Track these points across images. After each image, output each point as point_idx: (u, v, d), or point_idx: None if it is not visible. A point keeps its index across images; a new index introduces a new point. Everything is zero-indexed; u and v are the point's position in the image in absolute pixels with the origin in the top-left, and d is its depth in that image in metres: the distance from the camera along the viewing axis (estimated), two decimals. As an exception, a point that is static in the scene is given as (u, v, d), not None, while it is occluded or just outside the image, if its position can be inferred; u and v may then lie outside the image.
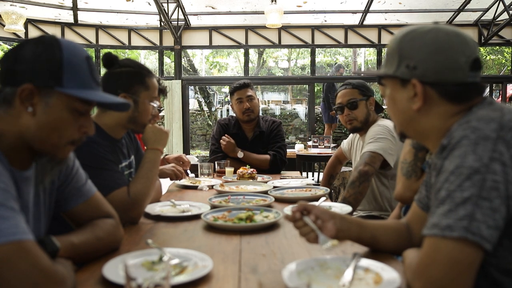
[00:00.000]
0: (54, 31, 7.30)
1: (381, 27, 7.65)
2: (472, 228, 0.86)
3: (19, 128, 1.06)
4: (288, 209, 1.83)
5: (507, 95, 9.86)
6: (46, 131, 1.07)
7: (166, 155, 2.95)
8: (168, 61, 13.65)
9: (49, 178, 1.18)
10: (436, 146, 1.09)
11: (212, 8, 7.12)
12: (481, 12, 7.20)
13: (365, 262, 1.15)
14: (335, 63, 13.44)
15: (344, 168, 4.21)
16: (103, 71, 1.86)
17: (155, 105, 1.89)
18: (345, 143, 3.12)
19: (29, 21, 7.02)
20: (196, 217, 1.79)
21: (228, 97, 3.15)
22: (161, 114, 2.83)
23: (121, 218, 1.47)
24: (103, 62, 1.82)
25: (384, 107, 2.15)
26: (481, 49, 14.25)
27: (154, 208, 1.91)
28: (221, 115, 14.06)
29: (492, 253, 0.91)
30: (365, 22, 7.53)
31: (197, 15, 7.39)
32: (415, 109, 1.08)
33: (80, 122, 1.12)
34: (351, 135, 3.03)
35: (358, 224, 1.28)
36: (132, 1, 6.84)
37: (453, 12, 7.15)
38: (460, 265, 0.87)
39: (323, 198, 1.97)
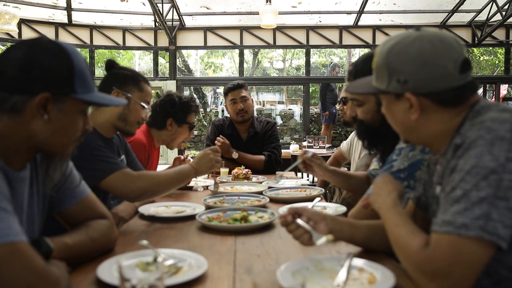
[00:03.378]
0: (48, 31, 7.27)
1: (375, 28, 7.68)
2: (488, 228, 0.87)
3: (27, 133, 1.06)
4: (283, 210, 1.83)
5: (500, 95, 9.92)
6: (59, 135, 1.10)
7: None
8: (163, 62, 13.62)
9: (60, 174, 1.21)
10: (442, 147, 1.10)
11: (207, 8, 7.12)
12: (475, 13, 7.26)
13: (359, 262, 1.16)
14: (331, 63, 13.47)
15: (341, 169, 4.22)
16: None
17: (146, 106, 1.95)
18: (344, 144, 3.13)
19: (22, 21, 6.98)
20: (191, 217, 1.79)
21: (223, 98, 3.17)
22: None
23: (124, 194, 1.68)
24: (105, 66, 1.95)
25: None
26: (475, 49, 14.37)
27: (148, 209, 1.90)
28: (216, 116, 14.06)
29: (503, 251, 0.91)
30: (359, 23, 7.56)
31: (192, 15, 7.38)
32: (413, 119, 1.08)
33: (84, 121, 1.16)
34: (350, 135, 3.04)
35: (351, 224, 1.29)
36: (127, 1, 6.82)
37: (447, 13, 7.20)
38: (476, 264, 0.88)
39: (317, 199, 1.97)
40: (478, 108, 1.04)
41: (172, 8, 6.79)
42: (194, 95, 2.97)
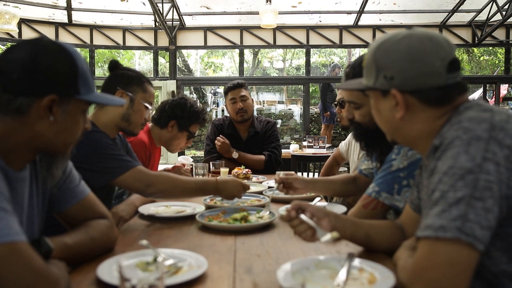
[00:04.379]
0: (48, 31, 7.26)
1: (375, 28, 7.68)
2: (465, 229, 0.85)
3: (32, 134, 1.07)
4: (283, 210, 1.83)
5: (501, 95, 9.92)
6: (63, 135, 1.11)
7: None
8: (163, 62, 13.62)
9: (61, 172, 1.22)
10: (426, 149, 1.09)
11: (207, 8, 7.12)
12: (475, 13, 7.25)
13: (359, 262, 1.16)
14: (332, 63, 13.47)
15: (340, 169, 4.22)
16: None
17: (149, 107, 1.96)
18: (343, 144, 3.13)
19: (22, 21, 6.98)
20: (191, 217, 1.79)
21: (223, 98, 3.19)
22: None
23: (140, 191, 1.71)
24: (109, 66, 1.96)
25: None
26: (475, 49, 14.37)
27: (148, 209, 1.90)
28: (216, 116, 14.05)
29: (485, 254, 0.91)
30: (359, 23, 7.56)
31: (192, 15, 7.38)
32: (399, 117, 1.08)
33: (83, 120, 1.17)
34: (348, 136, 3.04)
35: (353, 223, 1.29)
36: (127, 1, 6.82)
37: (447, 13, 7.20)
38: (456, 266, 0.86)
39: (317, 199, 1.97)
40: (462, 108, 1.03)
41: (172, 8, 6.79)
42: (205, 108, 3.01)
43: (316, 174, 5.01)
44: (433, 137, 1.05)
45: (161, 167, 2.81)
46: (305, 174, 5.10)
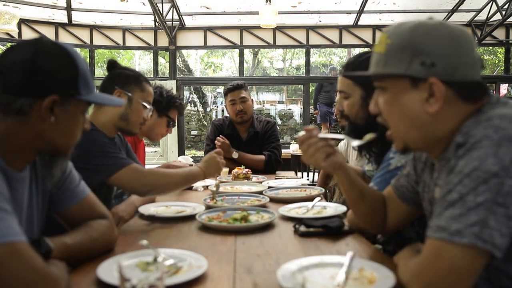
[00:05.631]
0: (48, 31, 7.26)
1: (375, 28, 7.68)
2: (484, 236, 0.81)
3: (33, 135, 1.07)
4: (283, 209, 1.83)
5: (500, 95, 9.93)
6: (65, 135, 1.12)
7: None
8: (163, 62, 13.62)
9: (61, 171, 1.23)
10: (438, 152, 1.03)
11: (207, 8, 7.12)
12: (475, 12, 7.26)
13: (359, 262, 1.16)
14: (330, 64, 13.53)
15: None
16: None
17: (148, 106, 1.95)
18: (342, 144, 3.13)
19: (22, 21, 6.97)
20: (191, 217, 1.78)
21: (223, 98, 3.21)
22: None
23: (134, 188, 1.76)
24: (107, 66, 1.97)
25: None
26: (475, 49, 14.33)
27: (148, 209, 1.90)
28: (216, 116, 14.05)
29: (504, 260, 0.86)
30: (359, 23, 7.56)
31: (191, 15, 7.38)
32: (431, 112, 0.96)
33: (83, 120, 1.18)
34: None
35: (357, 177, 1.33)
36: (127, 1, 6.82)
37: (447, 13, 7.19)
38: (462, 271, 0.83)
39: (318, 198, 1.97)
40: (486, 108, 0.95)
41: (172, 8, 6.80)
42: (182, 95, 3.20)
43: (316, 174, 5.01)
44: (450, 139, 0.97)
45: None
46: (305, 174, 5.10)
